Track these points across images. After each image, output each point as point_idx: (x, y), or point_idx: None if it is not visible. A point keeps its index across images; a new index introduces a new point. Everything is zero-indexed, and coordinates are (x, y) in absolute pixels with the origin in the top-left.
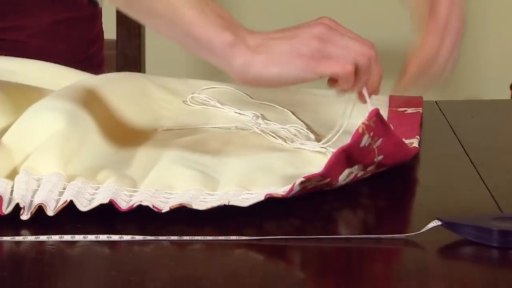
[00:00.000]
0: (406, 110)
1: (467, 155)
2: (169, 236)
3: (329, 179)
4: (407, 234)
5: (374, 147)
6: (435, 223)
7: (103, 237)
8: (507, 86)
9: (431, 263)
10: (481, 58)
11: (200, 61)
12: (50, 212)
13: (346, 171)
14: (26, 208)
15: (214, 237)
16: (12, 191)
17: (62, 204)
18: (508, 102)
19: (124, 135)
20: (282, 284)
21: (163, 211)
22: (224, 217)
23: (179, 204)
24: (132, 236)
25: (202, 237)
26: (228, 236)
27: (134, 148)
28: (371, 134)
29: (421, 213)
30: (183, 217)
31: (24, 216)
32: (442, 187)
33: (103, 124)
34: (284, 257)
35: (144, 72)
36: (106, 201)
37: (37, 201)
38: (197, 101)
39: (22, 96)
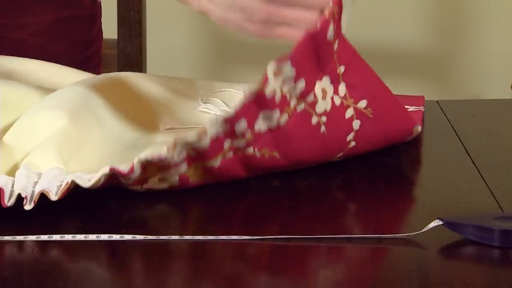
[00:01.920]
0: (408, 108)
1: (468, 154)
2: (170, 236)
3: (304, 81)
4: (408, 234)
5: (334, 49)
6: (436, 222)
7: (104, 237)
8: (508, 85)
9: (432, 263)
10: (482, 58)
11: (201, 61)
12: (54, 197)
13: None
14: (28, 198)
15: (215, 236)
16: (13, 184)
17: (65, 186)
18: (510, 102)
19: (126, 135)
20: (283, 284)
21: (162, 154)
22: (225, 216)
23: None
24: (133, 235)
25: (203, 236)
26: (230, 236)
27: (135, 148)
28: (335, 26)
29: (422, 213)
30: (184, 217)
31: (28, 206)
32: (443, 187)
33: (104, 123)
34: (285, 257)
35: (145, 71)
36: (106, 170)
37: (38, 190)
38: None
39: (23, 95)
